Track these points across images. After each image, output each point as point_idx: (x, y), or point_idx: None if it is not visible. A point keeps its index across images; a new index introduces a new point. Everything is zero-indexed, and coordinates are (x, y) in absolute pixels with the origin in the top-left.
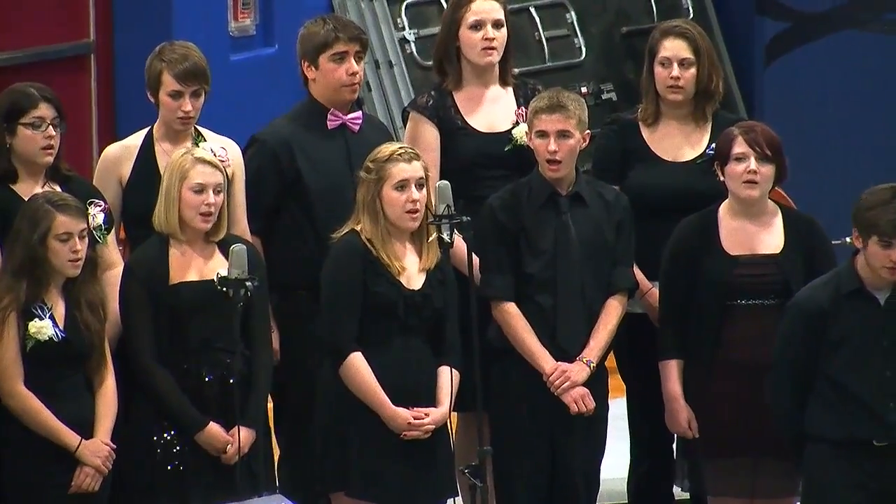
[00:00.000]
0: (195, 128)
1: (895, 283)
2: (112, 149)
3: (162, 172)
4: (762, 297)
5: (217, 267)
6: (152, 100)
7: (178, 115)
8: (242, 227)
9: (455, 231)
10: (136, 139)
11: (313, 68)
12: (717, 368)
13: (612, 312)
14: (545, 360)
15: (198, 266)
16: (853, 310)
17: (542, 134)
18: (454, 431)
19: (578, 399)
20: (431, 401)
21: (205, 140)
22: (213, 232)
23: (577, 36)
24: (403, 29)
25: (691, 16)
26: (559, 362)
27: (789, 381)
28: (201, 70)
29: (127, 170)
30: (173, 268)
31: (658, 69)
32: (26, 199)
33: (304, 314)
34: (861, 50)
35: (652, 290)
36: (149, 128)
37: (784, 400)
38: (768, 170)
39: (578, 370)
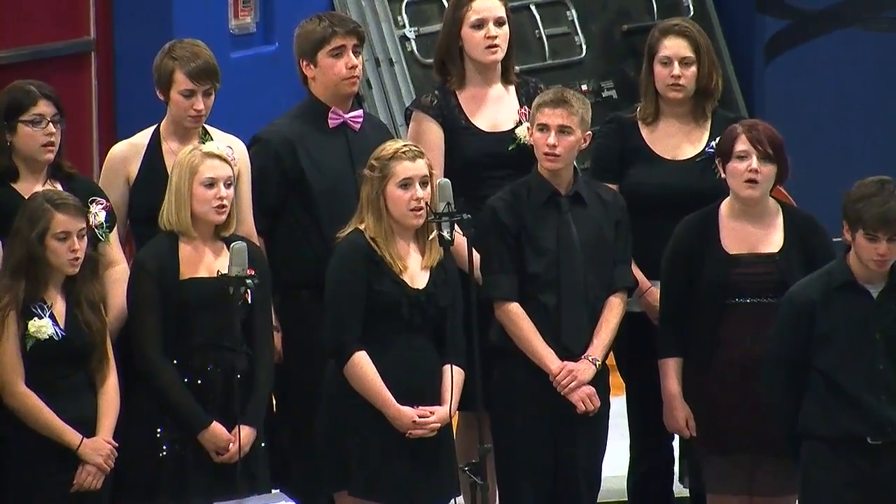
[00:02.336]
0: (202, 126)
1: (887, 275)
2: (119, 147)
3: (169, 171)
4: (761, 296)
5: (226, 264)
6: (162, 97)
7: (189, 114)
8: (249, 225)
9: (456, 228)
10: (143, 137)
11: (312, 66)
12: (716, 367)
13: (614, 310)
14: (551, 360)
15: (207, 262)
16: (843, 302)
17: (543, 127)
18: (455, 430)
19: (585, 398)
20: (436, 399)
21: (211, 139)
22: (223, 227)
23: (577, 34)
24: (404, 27)
25: (692, 14)
26: (565, 362)
27: (782, 376)
28: (213, 68)
29: (134, 168)
30: (183, 263)
31: (658, 68)
32: (27, 198)
33: (307, 313)
34: (861, 48)
35: (651, 289)
36: (155, 126)
37: (777, 396)
38: (769, 169)
39: (584, 369)
